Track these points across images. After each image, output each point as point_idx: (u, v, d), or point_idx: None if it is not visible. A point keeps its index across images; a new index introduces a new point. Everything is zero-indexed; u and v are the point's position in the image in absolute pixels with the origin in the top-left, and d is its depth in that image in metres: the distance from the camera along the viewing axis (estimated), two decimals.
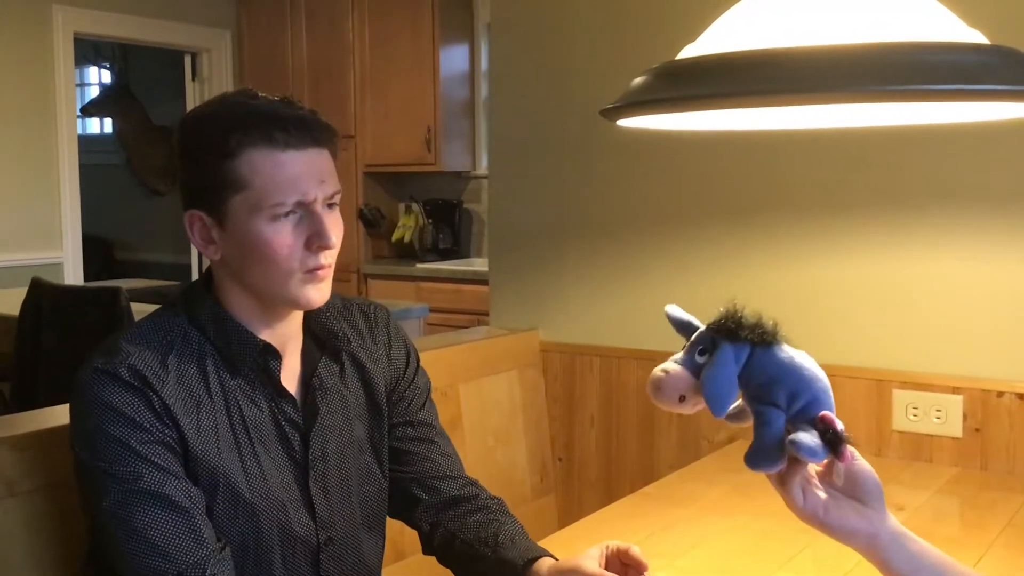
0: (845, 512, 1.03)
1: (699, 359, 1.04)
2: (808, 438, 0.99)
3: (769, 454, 1.01)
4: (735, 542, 1.67)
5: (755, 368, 1.02)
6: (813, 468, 1.04)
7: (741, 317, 1.03)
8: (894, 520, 1.05)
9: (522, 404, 2.47)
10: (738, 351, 1.02)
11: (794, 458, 1.01)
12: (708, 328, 1.05)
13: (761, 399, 1.02)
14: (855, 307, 2.14)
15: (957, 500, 1.90)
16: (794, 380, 1.01)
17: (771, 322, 1.03)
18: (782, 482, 1.04)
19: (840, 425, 0.99)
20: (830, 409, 1.01)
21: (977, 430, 2.01)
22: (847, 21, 0.97)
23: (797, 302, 2.20)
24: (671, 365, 1.05)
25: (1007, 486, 1.92)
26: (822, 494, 1.03)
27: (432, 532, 1.48)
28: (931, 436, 2.06)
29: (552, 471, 2.54)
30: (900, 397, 2.08)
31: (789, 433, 1.00)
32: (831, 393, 1.03)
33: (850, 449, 1.02)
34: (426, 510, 1.48)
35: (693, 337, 1.06)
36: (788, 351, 1.03)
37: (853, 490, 1.03)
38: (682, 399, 1.03)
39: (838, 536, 1.04)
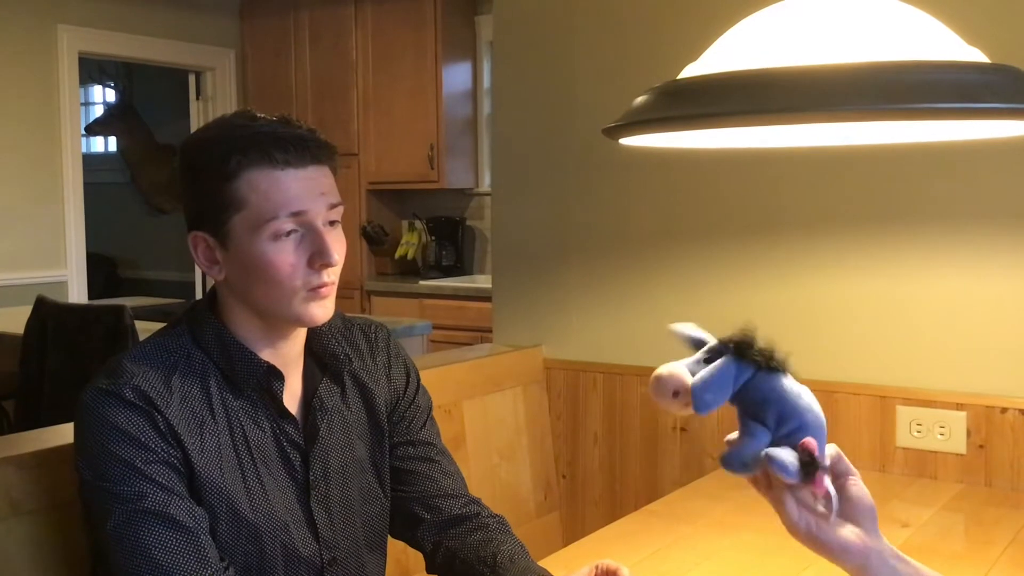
0: (838, 528, 1.03)
1: (703, 365, 1.07)
2: (784, 455, 1.02)
3: (744, 461, 1.05)
4: (740, 559, 1.66)
5: (753, 388, 1.05)
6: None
7: (754, 339, 1.05)
8: (887, 544, 1.05)
9: (526, 421, 2.47)
10: (741, 368, 1.05)
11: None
12: (720, 341, 1.08)
13: (753, 416, 1.06)
14: (858, 324, 2.14)
15: (962, 517, 1.89)
16: (786, 405, 1.04)
17: (782, 353, 1.06)
18: (777, 497, 1.05)
19: (818, 453, 1.01)
20: (818, 440, 1.03)
21: (981, 446, 2.01)
22: (847, 40, 0.97)
23: (800, 319, 2.20)
24: (676, 364, 1.08)
25: (1012, 502, 1.91)
26: (816, 511, 1.04)
27: (434, 552, 1.48)
28: (935, 452, 2.05)
29: (556, 488, 2.54)
30: (904, 413, 2.08)
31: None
32: (823, 428, 1.05)
33: (851, 468, 1.05)
34: (428, 529, 1.48)
35: (706, 347, 1.09)
36: (791, 382, 1.06)
37: (848, 510, 1.04)
38: (676, 394, 1.06)
39: (830, 553, 1.04)
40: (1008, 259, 2.00)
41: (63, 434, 1.46)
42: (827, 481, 1.03)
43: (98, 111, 7.96)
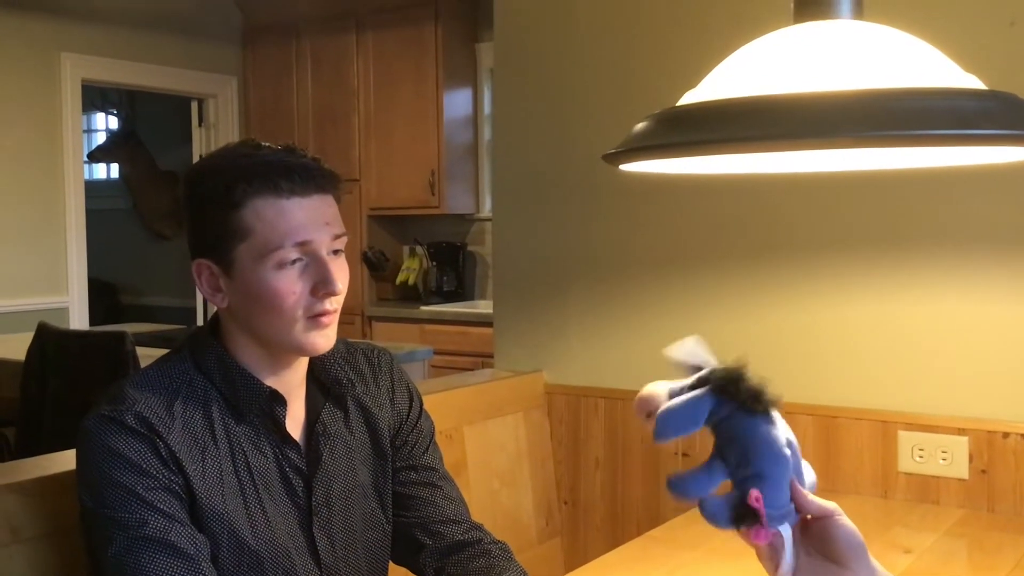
0: None
1: (687, 391, 1.05)
2: (713, 503, 1.00)
3: (684, 488, 1.02)
4: None
5: (728, 425, 1.02)
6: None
7: (742, 375, 1.02)
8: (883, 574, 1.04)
9: (527, 447, 2.46)
10: (720, 404, 1.02)
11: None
12: (708, 373, 1.05)
13: (720, 451, 1.03)
14: (860, 349, 2.14)
15: (965, 542, 1.89)
16: (751, 449, 1.00)
17: (769, 394, 1.02)
18: (760, 549, 1.04)
19: (761, 505, 0.98)
20: (774, 491, 0.99)
21: (983, 471, 2.00)
22: (845, 68, 0.98)
23: (801, 344, 2.20)
24: (660, 385, 1.07)
25: (1014, 528, 1.91)
26: (796, 557, 1.02)
27: None
28: (937, 478, 2.05)
29: (558, 514, 2.53)
30: (905, 439, 2.07)
31: (727, 494, 1.02)
32: (787, 477, 1.01)
33: (831, 507, 1.02)
34: (430, 555, 1.48)
35: (699, 373, 1.06)
36: (771, 427, 1.02)
37: (831, 551, 1.02)
38: (649, 416, 1.05)
39: None
40: (1009, 284, 2.00)
41: (64, 461, 1.46)
42: (781, 532, 1.00)
43: (101, 138, 7.99)
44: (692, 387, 1.05)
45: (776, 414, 1.03)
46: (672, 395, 1.06)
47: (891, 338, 2.11)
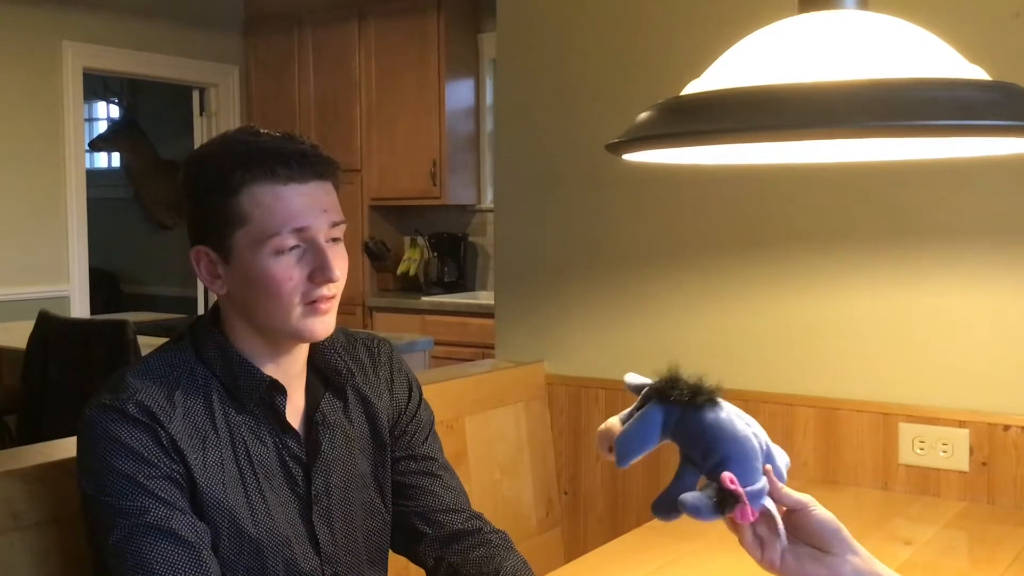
0: (802, 562, 1.06)
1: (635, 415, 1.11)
2: (692, 497, 1.03)
3: (666, 506, 1.07)
4: None
5: (683, 427, 1.08)
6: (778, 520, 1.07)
7: (677, 379, 1.08)
8: (862, 562, 1.06)
9: (528, 437, 2.46)
10: (667, 411, 1.08)
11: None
12: (648, 388, 1.11)
13: (685, 455, 1.08)
14: (861, 341, 2.14)
15: (965, 535, 1.89)
16: (710, 439, 1.06)
17: (709, 385, 1.08)
18: (743, 535, 1.08)
19: (736, 485, 1.01)
20: (743, 469, 1.04)
21: (984, 464, 2.00)
22: (849, 58, 0.98)
23: (803, 335, 2.20)
24: (613, 419, 1.12)
25: (1015, 520, 1.91)
26: (780, 545, 1.06)
27: (436, 567, 1.47)
28: (937, 470, 2.05)
29: (558, 504, 2.53)
30: (906, 431, 2.07)
31: (703, 488, 1.06)
32: (753, 454, 1.06)
33: (804, 499, 1.06)
34: (430, 544, 1.48)
35: (643, 392, 1.12)
36: (722, 412, 1.07)
37: (810, 539, 1.06)
38: (610, 450, 1.10)
39: None
40: (1011, 276, 2.00)
41: (66, 448, 1.46)
42: (765, 506, 1.03)
43: (102, 127, 7.99)
44: (639, 407, 1.10)
45: (723, 402, 1.08)
46: (624, 422, 1.11)
47: (892, 330, 2.11)
